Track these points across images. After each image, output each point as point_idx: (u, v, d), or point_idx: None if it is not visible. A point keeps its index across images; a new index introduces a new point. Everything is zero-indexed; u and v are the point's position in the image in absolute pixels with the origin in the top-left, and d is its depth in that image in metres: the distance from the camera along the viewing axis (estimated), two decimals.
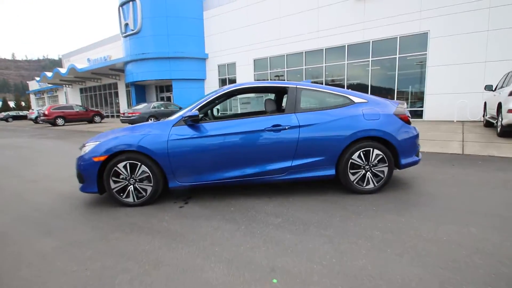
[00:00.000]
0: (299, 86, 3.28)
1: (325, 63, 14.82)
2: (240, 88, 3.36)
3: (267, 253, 2.05)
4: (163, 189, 3.15)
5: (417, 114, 12.22)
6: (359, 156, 3.11)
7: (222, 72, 19.73)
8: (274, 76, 16.96)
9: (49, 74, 30.24)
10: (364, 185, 3.19)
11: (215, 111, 4.83)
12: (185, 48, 19.51)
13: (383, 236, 2.23)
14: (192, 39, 19.67)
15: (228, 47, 18.74)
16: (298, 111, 3.16)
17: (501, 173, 3.94)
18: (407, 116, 3.30)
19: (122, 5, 20.36)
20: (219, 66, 19.73)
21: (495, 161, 4.61)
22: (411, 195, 3.19)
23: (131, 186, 3.04)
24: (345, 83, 14.22)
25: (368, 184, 3.18)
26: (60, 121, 18.91)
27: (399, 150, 3.17)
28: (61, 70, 27.78)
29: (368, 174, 3.17)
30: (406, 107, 3.44)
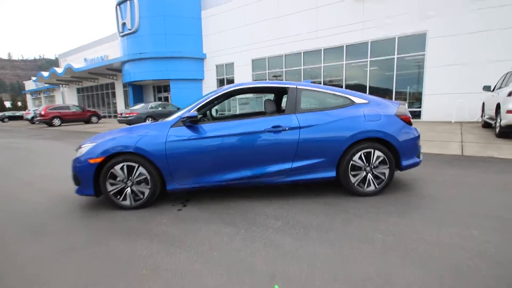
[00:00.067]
0: (299, 87, 3.24)
1: (323, 64, 14.81)
2: (240, 88, 3.31)
3: (268, 258, 2.01)
4: (161, 191, 3.09)
5: (415, 114, 12.23)
6: (360, 157, 3.08)
7: (220, 72, 19.67)
8: (272, 76, 16.92)
9: (45, 74, 30.03)
10: (365, 187, 3.15)
11: (214, 111, 4.78)
12: (183, 48, 19.43)
13: (385, 239, 2.20)
14: (190, 39, 19.59)
15: (226, 47, 18.68)
16: (298, 112, 3.11)
17: (501, 174, 3.92)
18: (408, 117, 3.27)
19: (119, 4, 20.25)
20: (217, 66, 19.67)
21: (495, 162, 4.59)
22: (412, 197, 3.16)
23: (128, 188, 2.98)
24: (343, 84, 14.21)
25: (369, 186, 3.15)
26: (56, 122, 18.76)
27: (400, 152, 3.13)
28: (58, 70, 27.58)
29: (369, 176, 3.13)
30: (407, 107, 3.41)
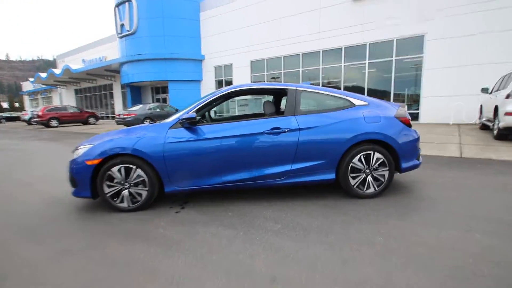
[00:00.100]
0: (298, 88, 3.22)
1: (322, 65, 14.83)
2: (239, 89, 3.29)
3: (267, 261, 1.98)
4: (159, 193, 3.06)
5: (413, 116, 12.24)
6: (360, 159, 3.06)
7: (218, 73, 19.65)
8: (271, 78, 16.92)
9: (43, 75, 29.93)
10: (365, 189, 3.13)
11: (212, 113, 4.75)
12: (182, 49, 19.40)
13: (386, 243, 2.17)
14: (188, 40, 19.57)
15: (225, 49, 18.67)
16: (297, 114, 3.09)
17: (500, 176, 3.91)
18: (408, 119, 3.25)
19: (118, 6, 20.21)
20: (216, 67, 19.66)
21: (493, 164, 4.59)
22: (411, 199, 3.14)
23: (126, 190, 2.94)
24: (342, 85, 14.23)
25: (368, 188, 3.13)
26: (54, 123, 18.66)
27: (400, 154, 3.12)
28: (56, 71, 27.49)
29: (369, 178, 3.11)
30: (407, 109, 3.40)
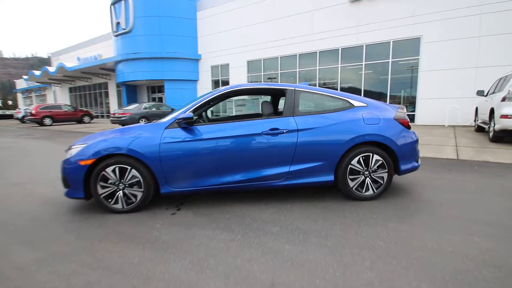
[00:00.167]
0: (297, 89, 3.17)
1: (318, 66, 14.83)
2: (236, 89, 3.23)
3: (266, 266, 1.92)
4: (154, 194, 2.99)
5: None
6: (359, 161, 3.02)
7: (215, 73, 19.56)
8: (267, 79, 16.89)
9: (37, 72, 29.52)
10: (363, 191, 3.09)
11: (209, 113, 4.69)
12: (178, 49, 19.27)
13: (387, 247, 2.13)
14: (185, 40, 19.45)
15: (222, 48, 18.60)
16: (296, 115, 3.04)
17: (498, 179, 3.92)
18: (407, 120, 3.23)
19: (114, 4, 20.01)
20: (212, 67, 19.57)
21: (490, 166, 4.60)
22: (410, 201, 3.11)
23: (120, 191, 2.87)
24: (338, 87, 14.25)
25: (367, 190, 3.09)
26: (47, 121, 18.40)
27: (399, 156, 3.09)
28: (50, 69, 27.13)
29: (368, 180, 3.08)
30: (406, 111, 3.38)
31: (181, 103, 17.67)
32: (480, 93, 8.17)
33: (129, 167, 2.82)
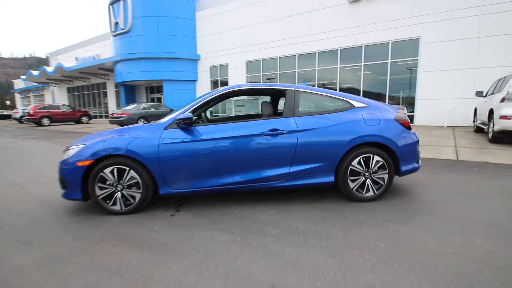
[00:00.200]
0: (297, 89, 3.16)
1: (317, 67, 14.83)
2: (236, 90, 3.21)
3: (266, 268, 1.90)
4: (153, 196, 2.96)
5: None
6: (359, 162, 3.00)
7: (214, 73, 19.53)
8: (266, 79, 16.87)
9: (35, 72, 29.41)
10: (364, 192, 3.08)
11: (208, 113, 4.67)
12: (177, 49, 19.22)
13: (388, 249, 2.11)
14: (184, 40, 19.40)
15: (221, 49, 18.57)
16: (296, 115, 3.03)
17: (498, 180, 3.91)
18: (407, 121, 3.22)
19: (112, 4, 19.94)
20: (211, 67, 19.53)
21: (490, 167, 4.59)
22: (410, 202, 3.10)
23: (119, 192, 2.84)
24: (337, 87, 14.24)
25: (368, 191, 3.08)
26: (45, 121, 18.32)
27: (399, 157, 3.08)
28: (48, 69, 27.03)
29: (368, 181, 3.06)
30: (406, 112, 3.36)
31: (180, 103, 17.62)
32: (479, 94, 8.18)
33: (127, 168, 2.79)
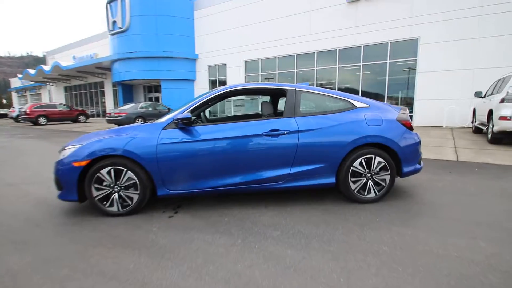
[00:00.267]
0: (298, 89, 3.11)
1: (316, 67, 14.80)
2: (236, 89, 3.16)
3: (268, 272, 1.86)
4: (151, 197, 2.90)
5: None
6: (361, 163, 2.96)
7: (212, 73, 19.46)
8: (264, 79, 16.83)
9: (32, 71, 29.17)
10: (365, 194, 3.03)
11: (207, 113, 4.61)
12: (175, 48, 19.13)
13: (392, 252, 2.07)
14: (182, 39, 19.30)
15: (219, 48, 18.49)
16: (297, 115, 2.98)
17: (497, 180, 3.90)
18: (409, 122, 3.18)
19: (110, 2, 19.81)
20: (210, 67, 19.46)
21: (490, 168, 4.57)
22: (412, 204, 3.06)
23: (116, 194, 2.78)
24: (336, 87, 14.22)
25: (369, 193, 3.03)
26: (42, 120, 18.17)
27: (401, 158, 3.04)
28: (45, 68, 26.80)
29: (370, 183, 3.02)
30: (408, 112, 3.32)
31: (178, 103, 17.52)
32: (478, 94, 8.17)
33: (125, 169, 2.73)
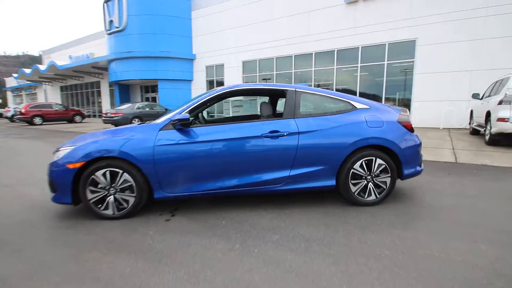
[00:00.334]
0: (298, 89, 3.06)
1: (314, 68, 14.79)
2: (234, 90, 3.11)
3: (268, 276, 1.81)
4: (148, 199, 2.84)
5: None
6: (361, 165, 2.92)
7: (209, 73, 19.38)
8: (262, 79, 16.79)
9: (27, 70, 28.86)
10: (366, 196, 2.99)
11: (205, 114, 4.56)
12: (172, 48, 19.02)
13: (394, 256, 2.03)
14: (179, 39, 19.20)
15: (217, 48, 18.42)
16: (297, 116, 2.93)
17: (496, 182, 3.89)
18: (410, 123, 3.14)
19: (107, 1, 19.66)
20: (207, 67, 19.38)
21: (489, 170, 4.56)
22: (412, 206, 3.03)
23: (111, 196, 2.71)
24: (334, 88, 14.21)
25: (369, 195, 2.99)
26: (37, 120, 17.97)
27: (402, 160, 3.00)
28: (41, 67, 26.52)
29: (370, 185, 2.98)
30: (409, 114, 3.29)
31: (175, 103, 17.44)
32: (475, 96, 8.19)
33: (120, 171, 2.67)
